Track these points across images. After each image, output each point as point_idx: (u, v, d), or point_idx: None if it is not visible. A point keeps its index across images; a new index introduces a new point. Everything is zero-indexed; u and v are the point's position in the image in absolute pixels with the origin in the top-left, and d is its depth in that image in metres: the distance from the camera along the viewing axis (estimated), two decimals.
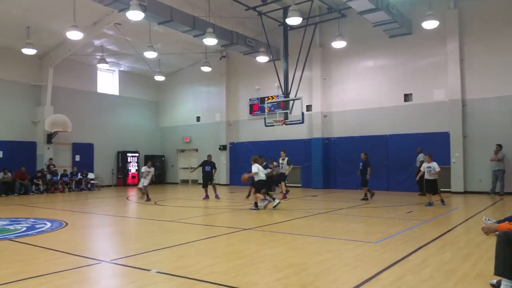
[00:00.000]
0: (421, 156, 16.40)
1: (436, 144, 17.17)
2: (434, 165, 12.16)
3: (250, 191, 14.17)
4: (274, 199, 11.84)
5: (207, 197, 14.77)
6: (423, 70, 17.83)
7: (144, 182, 14.73)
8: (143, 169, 15.27)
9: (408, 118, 18.06)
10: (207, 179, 14.99)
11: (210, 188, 14.95)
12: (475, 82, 16.61)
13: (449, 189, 16.79)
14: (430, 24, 14.81)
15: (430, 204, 12.16)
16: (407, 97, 18.31)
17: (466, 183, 16.63)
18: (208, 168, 14.96)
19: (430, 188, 12.36)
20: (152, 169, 14.91)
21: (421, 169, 12.57)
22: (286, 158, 15.21)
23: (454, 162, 16.77)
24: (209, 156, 15.52)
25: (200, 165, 15.26)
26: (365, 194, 14.15)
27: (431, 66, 17.62)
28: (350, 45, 18.50)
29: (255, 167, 11.73)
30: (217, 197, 14.84)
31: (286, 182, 15.17)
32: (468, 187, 16.58)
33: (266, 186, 12.20)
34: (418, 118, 17.81)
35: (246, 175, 12.17)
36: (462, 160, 16.63)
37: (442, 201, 12.46)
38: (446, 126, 17.10)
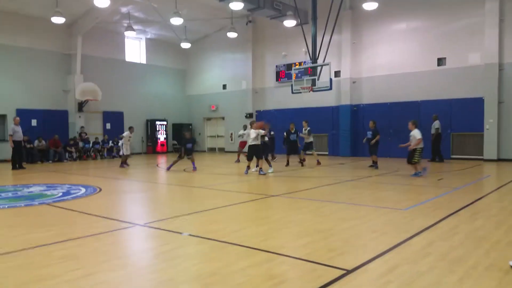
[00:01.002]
0: (436, 123, 16.03)
1: (470, 110, 16.66)
2: (415, 132, 11.00)
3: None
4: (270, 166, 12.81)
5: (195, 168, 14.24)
6: (458, 33, 17.03)
7: (127, 148, 15.54)
8: (126, 134, 15.74)
9: (441, 83, 17.45)
10: (189, 154, 14.46)
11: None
12: None
13: (482, 156, 16.36)
14: None
15: (417, 174, 11.05)
16: (440, 61, 17.62)
17: (500, 150, 16.13)
18: (189, 145, 14.64)
19: (409, 157, 11.11)
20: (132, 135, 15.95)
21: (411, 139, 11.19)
22: (308, 128, 15.23)
23: (487, 129, 16.22)
24: (188, 133, 14.84)
25: (182, 145, 14.81)
26: (374, 162, 13.92)
27: (466, 28, 16.79)
28: (382, 7, 17.75)
29: (253, 132, 12.24)
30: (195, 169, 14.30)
31: (308, 151, 15.38)
32: (502, 155, 16.09)
33: (255, 152, 12.33)
34: (452, 83, 17.19)
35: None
36: (496, 126, 16.07)
37: (417, 173, 11.13)
38: (480, 91, 16.46)
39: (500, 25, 15.92)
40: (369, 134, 13.99)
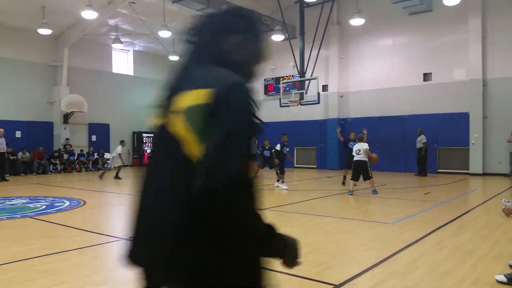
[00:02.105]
0: (423, 138, 16.25)
1: (455, 125, 16.88)
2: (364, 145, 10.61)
3: None
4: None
5: None
6: (443, 49, 17.36)
7: (119, 161, 15.92)
8: (120, 149, 16.26)
9: (427, 98, 17.70)
10: None
11: None
12: (497, 60, 16.12)
13: (468, 170, 16.55)
14: (451, 0, 14.32)
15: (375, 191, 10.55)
16: (426, 77, 17.91)
17: (485, 164, 16.34)
18: None
19: (365, 173, 10.61)
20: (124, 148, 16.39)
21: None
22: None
23: (473, 143, 16.45)
24: None
25: None
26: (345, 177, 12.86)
27: (451, 44, 17.14)
28: (369, 22, 18.05)
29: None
30: None
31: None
32: (487, 169, 16.30)
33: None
34: (437, 98, 17.45)
35: None
36: (481, 141, 16.30)
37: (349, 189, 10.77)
38: (465, 106, 16.72)
39: (483, 41, 16.28)
40: (352, 145, 12.36)
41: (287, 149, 13.33)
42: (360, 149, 10.52)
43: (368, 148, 10.46)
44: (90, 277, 4.04)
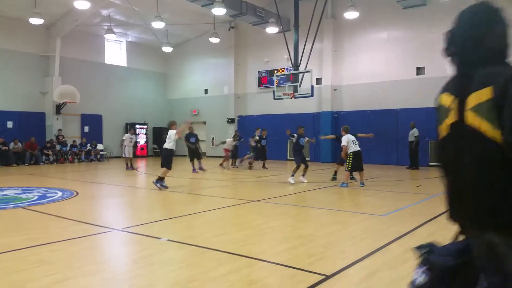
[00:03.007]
0: (415, 131, 16.38)
1: None
2: (342, 138, 10.67)
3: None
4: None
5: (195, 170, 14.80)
6: (437, 43, 17.36)
7: (130, 151, 15.82)
8: (126, 136, 16.09)
9: (420, 92, 17.77)
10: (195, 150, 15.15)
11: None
12: None
13: None
14: None
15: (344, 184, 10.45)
16: (419, 71, 17.99)
17: None
18: (193, 139, 14.89)
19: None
20: (134, 136, 16.05)
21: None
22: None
23: None
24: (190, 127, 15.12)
25: (186, 140, 14.97)
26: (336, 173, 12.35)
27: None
28: (363, 16, 18.04)
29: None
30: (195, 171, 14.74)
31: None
32: None
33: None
34: (431, 92, 17.42)
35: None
36: None
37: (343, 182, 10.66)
38: None
39: None
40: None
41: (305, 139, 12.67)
42: (355, 140, 10.56)
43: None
44: (83, 268, 4.05)
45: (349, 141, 10.59)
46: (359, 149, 10.55)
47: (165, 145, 10.22)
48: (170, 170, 10.09)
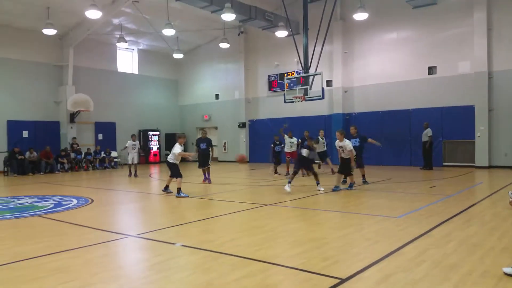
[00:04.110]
0: (429, 131, 16.18)
1: (461, 118, 16.83)
2: (346, 143, 10.34)
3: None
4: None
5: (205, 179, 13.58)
6: (448, 42, 17.26)
7: (134, 157, 16.01)
8: (129, 143, 16.21)
9: (432, 91, 17.63)
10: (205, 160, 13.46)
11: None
12: (502, 53, 16.02)
13: (473, 163, 16.49)
14: None
15: (337, 188, 10.26)
16: (431, 70, 17.82)
17: (491, 157, 16.27)
18: (203, 145, 13.29)
19: (347, 168, 10.38)
20: (137, 142, 16.19)
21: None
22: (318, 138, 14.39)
23: (479, 136, 16.38)
24: (203, 132, 13.96)
25: (197, 145, 13.53)
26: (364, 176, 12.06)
27: (456, 37, 17.03)
28: (372, 17, 17.99)
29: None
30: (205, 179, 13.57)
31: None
32: (493, 162, 16.22)
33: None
34: (442, 91, 17.37)
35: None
36: (487, 134, 16.23)
37: (351, 184, 10.52)
38: (471, 99, 16.64)
39: (488, 34, 16.17)
40: (354, 142, 11.61)
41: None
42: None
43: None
44: (100, 274, 4.09)
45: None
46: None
47: (169, 159, 10.10)
48: (182, 178, 10.08)
